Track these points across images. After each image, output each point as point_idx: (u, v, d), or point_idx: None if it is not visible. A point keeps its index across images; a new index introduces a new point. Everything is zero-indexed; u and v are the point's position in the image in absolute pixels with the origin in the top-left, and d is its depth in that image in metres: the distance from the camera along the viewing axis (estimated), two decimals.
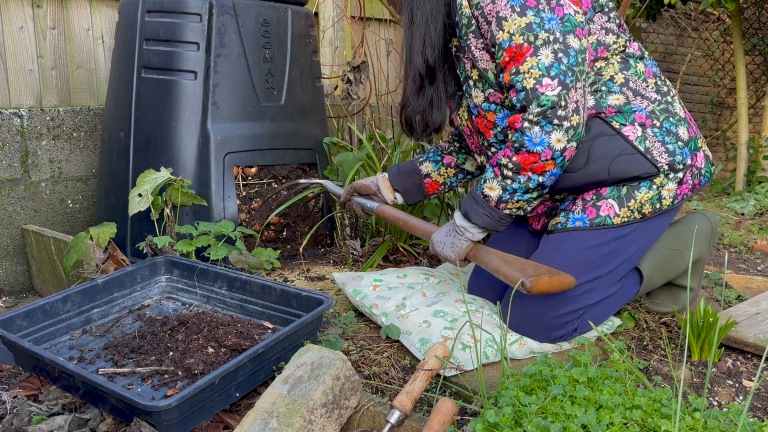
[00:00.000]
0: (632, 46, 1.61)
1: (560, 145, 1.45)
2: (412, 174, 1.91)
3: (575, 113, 1.45)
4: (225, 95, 2.20)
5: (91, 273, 1.96)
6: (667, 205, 1.60)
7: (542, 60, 1.43)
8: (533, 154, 1.47)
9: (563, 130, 1.44)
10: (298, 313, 1.58)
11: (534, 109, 1.44)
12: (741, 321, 1.73)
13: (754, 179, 3.91)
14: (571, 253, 1.59)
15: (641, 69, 1.60)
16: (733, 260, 2.61)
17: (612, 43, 1.58)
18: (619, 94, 1.57)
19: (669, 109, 1.60)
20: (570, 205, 1.65)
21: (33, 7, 2.48)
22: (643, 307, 1.83)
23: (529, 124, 1.45)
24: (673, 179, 1.58)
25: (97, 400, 1.34)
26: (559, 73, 1.43)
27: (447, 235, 1.64)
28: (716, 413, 1.12)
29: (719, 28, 5.31)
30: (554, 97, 1.43)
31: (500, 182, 1.53)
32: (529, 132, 1.45)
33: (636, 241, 1.61)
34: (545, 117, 1.43)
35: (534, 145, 1.45)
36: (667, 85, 1.64)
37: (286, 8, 2.34)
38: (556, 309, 1.57)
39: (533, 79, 1.44)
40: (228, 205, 2.20)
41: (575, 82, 1.44)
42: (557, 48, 1.44)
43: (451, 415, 1.22)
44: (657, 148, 1.56)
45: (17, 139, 2.38)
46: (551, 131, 1.44)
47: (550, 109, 1.43)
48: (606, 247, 1.59)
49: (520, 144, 1.47)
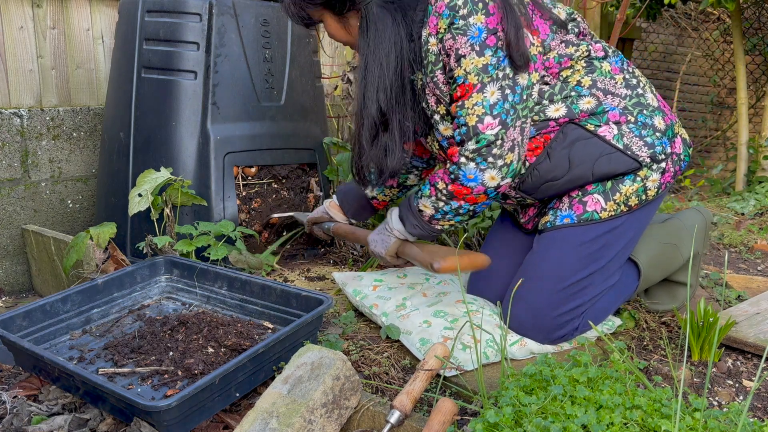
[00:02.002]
0: (595, 48, 1.63)
1: (494, 182, 1.52)
2: (358, 197, 1.99)
3: (510, 151, 1.50)
4: (225, 95, 2.20)
5: (91, 273, 1.96)
6: (653, 195, 1.62)
7: (487, 97, 1.47)
8: (467, 188, 1.53)
9: (497, 168, 1.50)
10: (298, 313, 1.58)
11: (471, 145, 1.49)
12: (741, 321, 1.73)
13: (754, 179, 3.91)
14: (563, 251, 1.60)
15: (606, 68, 1.61)
16: (733, 260, 2.61)
17: (573, 52, 1.60)
18: (589, 96, 1.58)
19: (641, 102, 1.61)
20: (557, 203, 1.66)
21: (33, 7, 2.48)
22: (643, 306, 1.83)
23: (465, 159, 1.50)
24: (657, 170, 1.60)
25: (97, 400, 1.34)
26: (501, 112, 1.47)
27: (379, 234, 1.74)
28: (716, 413, 1.12)
29: (719, 28, 5.31)
30: (491, 136, 1.47)
31: (433, 203, 1.59)
32: (465, 168, 1.51)
33: (626, 233, 1.63)
34: (480, 154, 1.49)
35: (468, 181, 1.52)
36: (636, 77, 1.65)
37: None
38: (557, 308, 1.57)
39: (476, 117, 1.48)
40: (228, 205, 2.20)
41: (515, 120, 1.49)
42: (505, 84, 1.47)
43: (451, 415, 1.22)
44: (636, 143, 1.57)
45: (17, 139, 2.38)
46: (485, 169, 1.50)
47: (485, 147, 1.48)
48: (597, 242, 1.60)
49: (456, 176, 1.53)
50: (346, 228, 1.99)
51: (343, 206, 2.03)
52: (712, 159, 5.34)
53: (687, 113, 5.53)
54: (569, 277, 1.58)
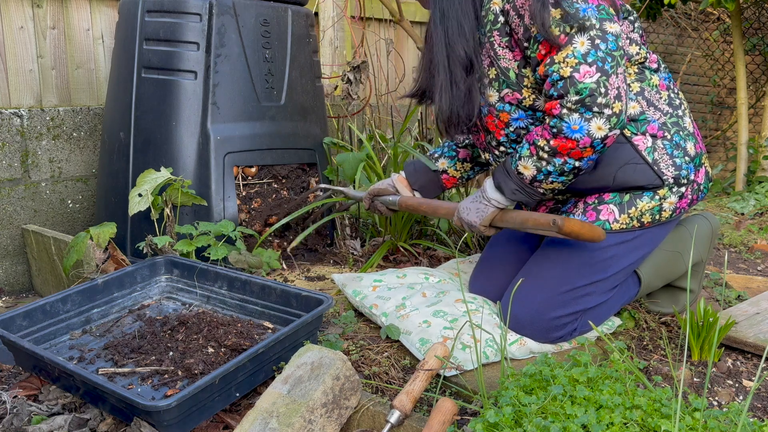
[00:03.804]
0: (651, 59, 1.62)
1: (601, 132, 1.41)
2: (428, 171, 1.93)
3: (617, 99, 1.40)
4: (225, 95, 2.20)
5: (91, 273, 1.96)
6: (666, 217, 1.61)
7: (578, 48, 1.40)
8: (572, 141, 1.43)
9: (604, 117, 1.40)
10: (298, 313, 1.58)
11: (572, 97, 1.40)
12: (741, 321, 1.73)
13: (754, 179, 3.91)
14: (570, 256, 1.60)
15: (655, 81, 1.60)
16: (733, 260, 2.61)
17: (634, 53, 1.58)
18: (635, 102, 1.56)
19: (679, 123, 1.60)
20: (571, 207, 1.65)
21: (33, 7, 2.48)
22: (643, 307, 1.83)
23: (567, 111, 1.41)
24: (676, 193, 1.59)
25: (97, 400, 1.34)
26: (596, 60, 1.39)
27: (473, 202, 1.64)
28: (716, 413, 1.12)
29: (719, 28, 5.31)
30: (593, 84, 1.38)
31: (535, 162, 1.50)
32: (568, 119, 1.41)
33: (637, 249, 1.62)
34: (584, 105, 1.40)
35: (573, 132, 1.42)
36: (680, 98, 1.64)
37: (286, 8, 2.34)
38: (556, 310, 1.57)
39: (570, 68, 1.40)
40: (228, 205, 2.20)
41: (615, 67, 1.40)
42: (594, 34, 1.40)
43: (451, 415, 1.22)
44: (665, 160, 1.56)
45: (17, 139, 2.38)
46: (591, 118, 1.40)
47: (589, 96, 1.39)
48: (605, 253, 1.59)
49: (558, 130, 1.43)
50: (419, 200, 1.89)
51: (411, 180, 1.96)
52: (712, 159, 5.34)
53: None
54: (572, 283, 1.58)
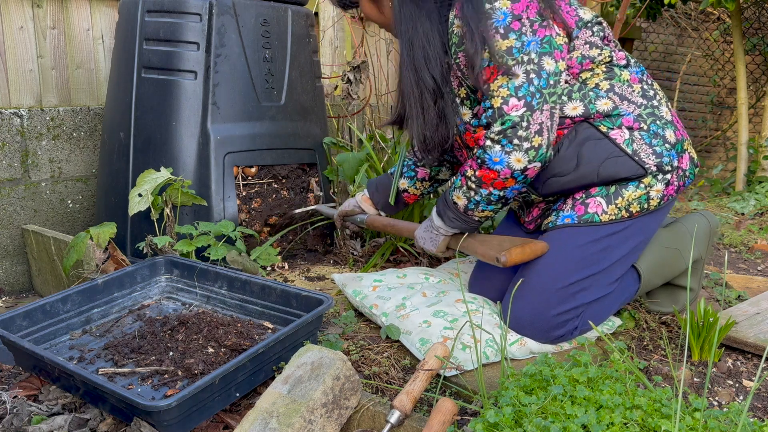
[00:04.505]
0: (618, 56, 1.65)
1: (520, 165, 1.52)
2: (388, 191, 2.01)
3: (538, 134, 1.49)
4: (225, 95, 2.20)
5: (91, 273, 1.96)
6: (654, 205, 1.62)
7: (512, 80, 1.48)
8: (494, 171, 1.54)
9: (523, 150, 1.50)
10: (298, 313, 1.58)
11: (496, 127, 1.50)
12: (741, 321, 1.73)
13: (754, 179, 3.91)
14: (565, 250, 1.60)
15: (626, 76, 1.63)
16: (733, 260, 2.61)
17: (596, 55, 1.61)
18: (606, 99, 1.60)
19: (655, 113, 1.62)
20: (561, 204, 1.68)
21: (33, 7, 2.48)
22: (643, 307, 1.83)
23: (490, 142, 1.51)
24: (662, 180, 1.61)
25: (97, 400, 1.34)
26: (526, 94, 1.48)
27: (426, 231, 1.78)
28: (716, 413, 1.12)
29: (719, 28, 5.31)
30: (516, 117, 1.48)
31: (465, 193, 1.62)
32: (490, 151, 1.52)
33: (630, 239, 1.63)
34: (506, 136, 1.49)
35: (494, 164, 1.52)
36: (654, 89, 1.67)
37: (286, 8, 2.34)
38: (555, 307, 1.58)
39: (501, 98, 1.49)
40: (228, 205, 2.20)
41: (542, 104, 1.49)
42: (530, 69, 1.49)
43: (451, 415, 1.22)
44: (644, 150, 1.59)
45: (17, 139, 2.38)
46: (511, 151, 1.50)
47: (511, 128, 1.48)
48: (599, 244, 1.60)
49: (482, 161, 1.54)
50: (384, 220, 2.01)
51: (374, 199, 2.06)
52: (712, 159, 5.34)
53: (687, 113, 5.53)
54: (568, 277, 1.58)
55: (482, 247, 1.64)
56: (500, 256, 1.57)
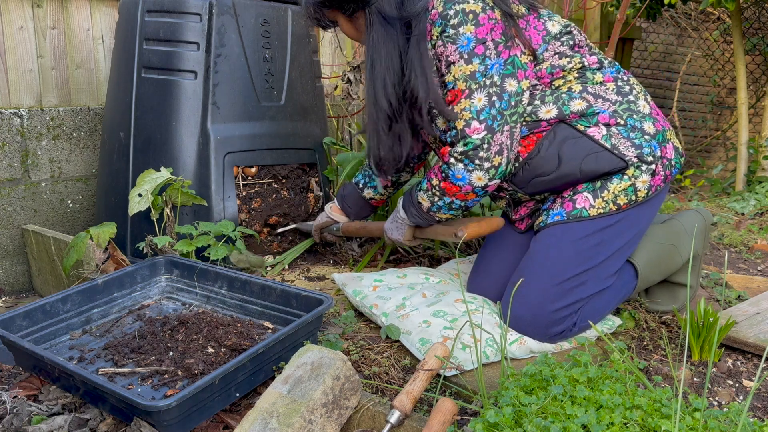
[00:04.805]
0: (590, 61, 1.67)
1: (481, 182, 1.62)
2: (356, 199, 2.12)
3: (498, 154, 1.58)
4: (225, 95, 2.20)
5: (91, 273, 1.96)
6: (643, 196, 1.64)
7: (475, 103, 1.56)
8: (456, 186, 1.64)
9: (484, 170, 1.59)
10: (298, 313, 1.58)
11: (459, 147, 1.59)
12: (741, 321, 1.73)
13: (754, 179, 3.91)
14: (558, 246, 1.62)
15: (598, 78, 1.66)
16: (733, 260, 2.61)
17: (566, 64, 1.65)
18: (579, 99, 1.63)
19: (631, 108, 1.65)
20: (550, 204, 1.70)
21: (33, 7, 2.48)
22: (643, 306, 1.83)
23: (454, 160, 1.61)
24: (647, 171, 1.62)
25: (97, 400, 1.34)
26: (487, 118, 1.56)
27: (392, 222, 1.90)
28: (716, 413, 1.12)
29: (719, 28, 5.31)
30: (478, 140, 1.56)
31: (429, 197, 1.72)
32: (453, 168, 1.61)
33: (623, 233, 1.64)
34: (467, 157, 1.59)
35: (456, 180, 1.63)
36: (630, 85, 1.69)
37: (286, 8, 2.34)
38: (553, 303, 1.58)
39: (463, 121, 1.57)
40: (228, 205, 2.20)
41: (502, 125, 1.57)
42: (492, 92, 1.56)
43: (451, 415, 1.22)
44: (623, 143, 1.61)
45: (17, 139, 2.38)
46: (473, 170, 1.60)
47: (473, 150, 1.57)
48: (592, 239, 1.62)
49: (446, 175, 1.64)
50: (356, 224, 2.13)
51: (344, 208, 2.16)
52: (712, 159, 5.34)
53: (687, 113, 5.53)
54: (563, 273, 1.59)
55: (442, 228, 1.79)
56: (458, 231, 1.71)
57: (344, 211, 2.16)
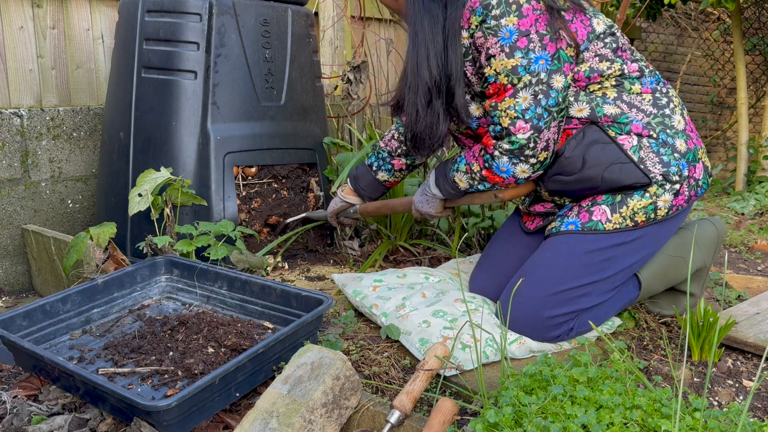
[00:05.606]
0: (630, 68, 1.61)
1: (524, 174, 1.60)
2: (370, 181, 2.08)
3: (544, 150, 1.56)
4: (225, 95, 2.20)
5: (91, 273, 1.96)
6: (662, 215, 1.59)
7: (519, 102, 1.51)
8: (499, 177, 1.62)
9: (529, 164, 1.57)
10: (298, 313, 1.58)
11: (504, 145, 1.55)
12: (741, 321, 1.73)
13: (754, 179, 3.91)
14: (565, 256, 1.60)
15: (636, 89, 1.61)
16: (733, 260, 2.61)
17: (606, 69, 1.59)
18: (613, 106, 1.58)
19: (665, 122, 1.59)
20: (567, 211, 1.67)
21: (33, 7, 2.48)
22: (643, 307, 1.83)
23: (499, 153, 1.57)
24: (670, 190, 1.57)
25: (97, 400, 1.34)
26: (533, 117, 1.51)
27: (422, 195, 1.87)
28: (716, 413, 1.12)
29: (719, 28, 5.31)
30: (524, 140, 1.53)
31: (468, 180, 1.69)
32: (498, 161, 1.58)
33: (637, 251, 1.61)
34: (513, 154, 1.56)
35: (500, 172, 1.60)
36: (669, 97, 1.64)
37: (286, 8, 2.34)
38: (549, 310, 1.58)
39: (509, 119, 1.53)
40: (228, 205, 2.20)
41: (550, 122, 1.53)
42: (538, 90, 1.50)
43: (451, 415, 1.22)
44: (651, 158, 1.56)
45: (17, 139, 2.38)
46: (517, 164, 1.57)
47: (518, 149, 1.54)
48: (602, 254, 1.59)
49: (489, 165, 1.61)
50: (376, 203, 2.10)
51: (357, 190, 2.11)
52: (712, 159, 5.34)
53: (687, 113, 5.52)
54: (567, 282, 1.58)
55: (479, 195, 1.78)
56: (498, 193, 1.72)
57: (357, 192, 2.11)
